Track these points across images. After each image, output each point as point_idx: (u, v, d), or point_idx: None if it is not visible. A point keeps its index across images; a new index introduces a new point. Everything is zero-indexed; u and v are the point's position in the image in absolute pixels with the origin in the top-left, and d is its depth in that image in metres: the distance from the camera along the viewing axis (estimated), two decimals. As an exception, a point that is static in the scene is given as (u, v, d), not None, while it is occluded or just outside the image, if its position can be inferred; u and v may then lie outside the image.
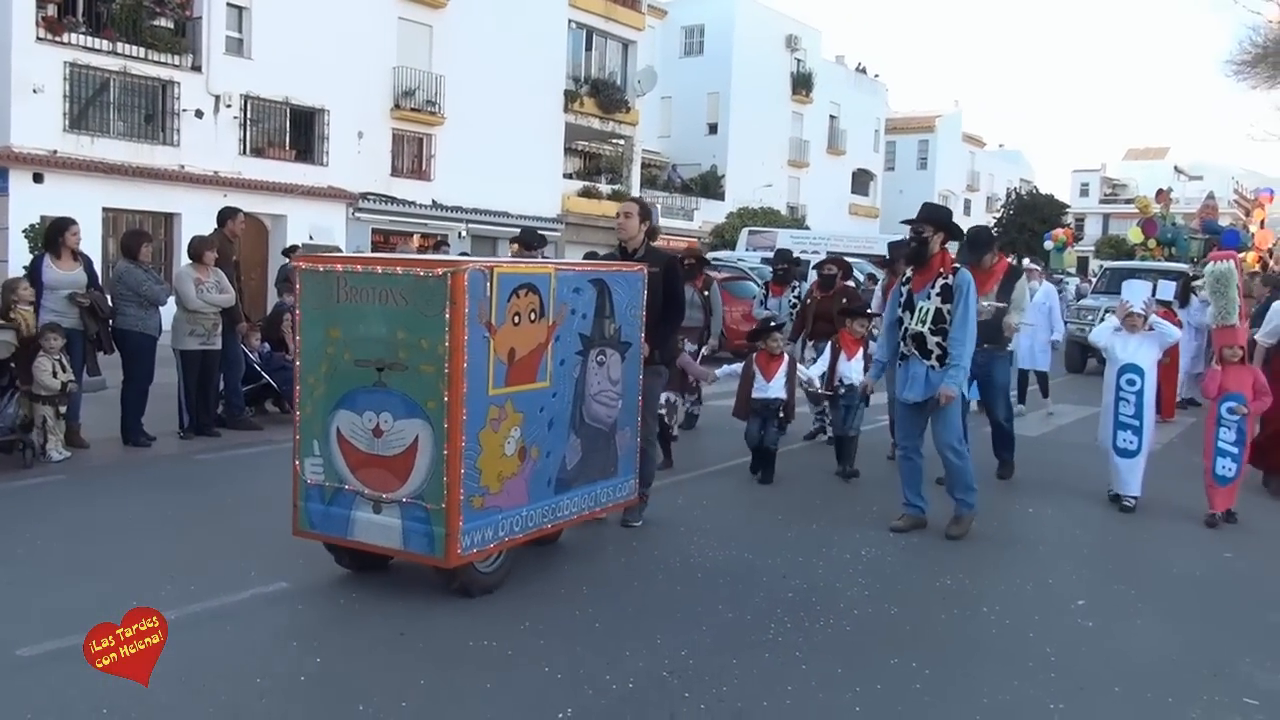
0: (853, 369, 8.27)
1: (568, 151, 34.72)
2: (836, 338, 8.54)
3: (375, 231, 26.46)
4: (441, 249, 20.55)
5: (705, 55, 43.67)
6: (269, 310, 13.28)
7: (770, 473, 8.10)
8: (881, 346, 7.06)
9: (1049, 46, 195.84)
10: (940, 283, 6.52)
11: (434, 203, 27.77)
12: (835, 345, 8.48)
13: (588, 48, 34.41)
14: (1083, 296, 21.89)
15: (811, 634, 4.90)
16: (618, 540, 6.40)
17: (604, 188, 35.19)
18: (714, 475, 8.16)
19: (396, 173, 27.65)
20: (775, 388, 8.07)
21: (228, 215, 10.09)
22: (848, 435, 8.33)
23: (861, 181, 53.93)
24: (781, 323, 9.26)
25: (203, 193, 21.58)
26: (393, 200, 26.83)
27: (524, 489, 5.25)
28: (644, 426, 6.40)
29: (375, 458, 4.98)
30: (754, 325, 9.87)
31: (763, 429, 8.05)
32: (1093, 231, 68.36)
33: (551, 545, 6.04)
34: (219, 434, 9.23)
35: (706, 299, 10.09)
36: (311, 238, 23.09)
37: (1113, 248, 47.24)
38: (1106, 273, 19.96)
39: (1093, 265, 41.50)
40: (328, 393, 5.10)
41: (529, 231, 11.43)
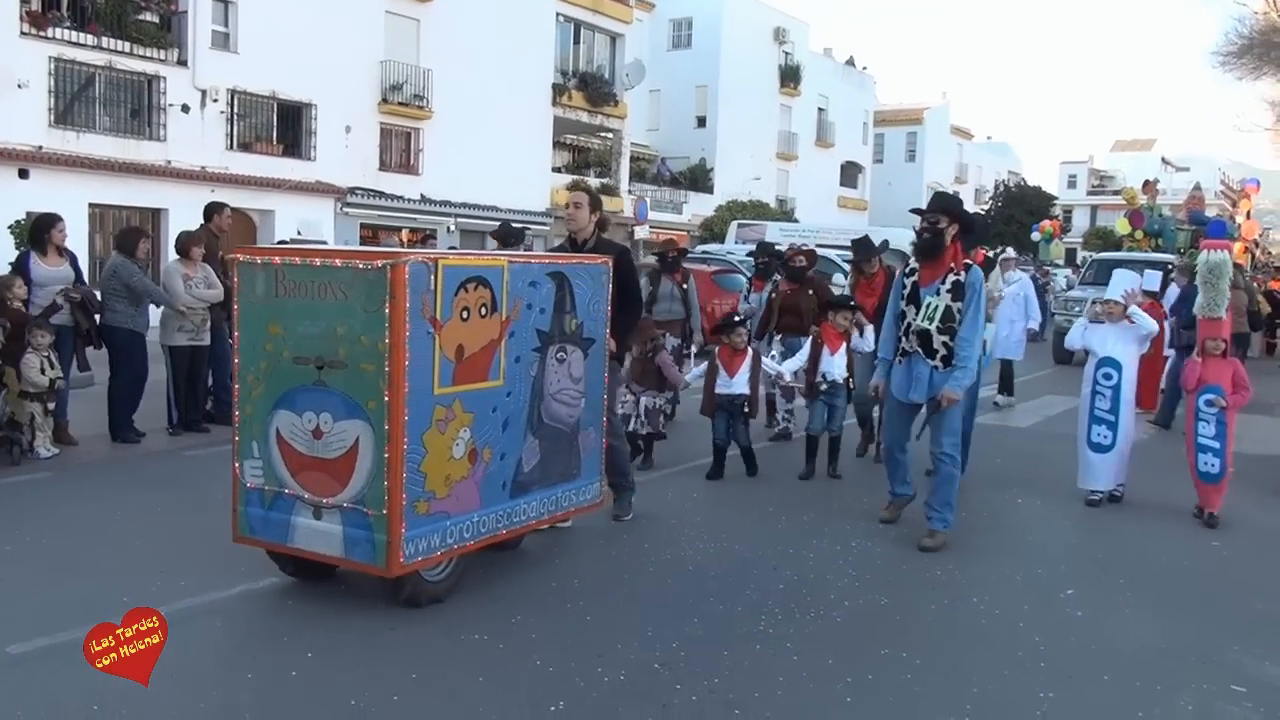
0: (836, 365, 8.04)
1: (556, 145, 34.68)
2: (818, 332, 8.24)
3: (364, 226, 26.39)
4: (429, 243, 20.50)
5: (693, 48, 43.63)
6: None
7: (753, 468, 8.01)
8: (884, 343, 6.62)
9: (1037, 39, 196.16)
10: (951, 279, 6.15)
11: (422, 197, 27.69)
12: (817, 340, 8.18)
13: (576, 41, 34.33)
14: (1071, 288, 21.97)
15: (802, 625, 4.92)
16: (607, 534, 6.40)
17: (593, 181, 35.11)
18: (703, 469, 8.16)
19: (384, 167, 27.56)
20: (739, 383, 7.89)
21: (214, 210, 10.06)
22: (831, 435, 8.11)
23: (850, 174, 53.99)
24: (745, 318, 8.95)
25: (190, 188, 21.45)
26: (381, 195, 26.75)
27: (475, 493, 4.99)
28: (607, 424, 6.15)
29: (315, 460, 4.73)
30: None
31: (730, 426, 7.93)
32: (1080, 223, 68.60)
33: (525, 548, 6.04)
34: (208, 430, 9.20)
35: (685, 292, 9.85)
36: (300, 233, 23.01)
37: (1100, 239, 47.45)
38: (1093, 264, 20.03)
39: (1081, 256, 41.63)
40: (267, 392, 4.86)
41: (505, 226, 11.21)
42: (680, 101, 43.42)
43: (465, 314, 4.78)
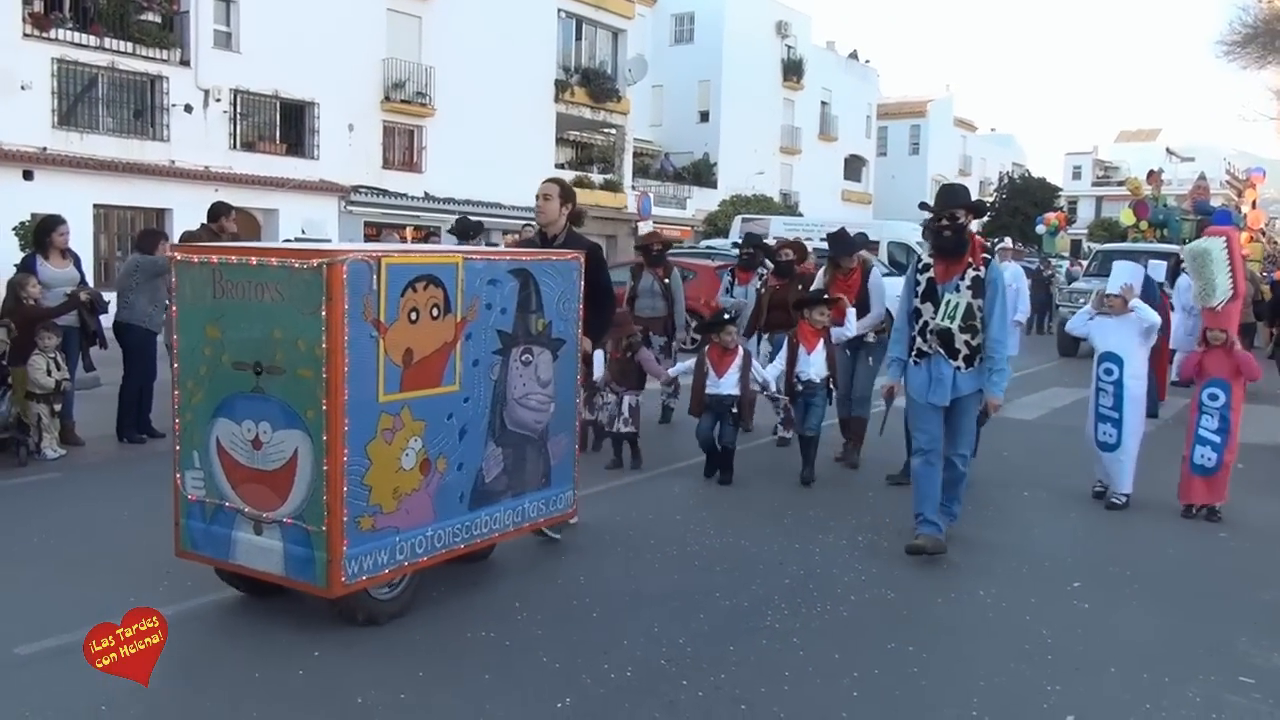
0: (813, 363, 7.67)
1: (559, 142, 34.66)
2: (794, 331, 7.85)
3: (368, 224, 26.40)
4: (431, 240, 20.49)
5: (695, 43, 43.60)
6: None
7: (729, 473, 7.66)
8: (896, 342, 6.18)
9: (1040, 29, 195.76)
10: (971, 274, 5.81)
11: (426, 195, 27.70)
12: (793, 340, 7.78)
13: (578, 37, 34.29)
14: (1074, 280, 21.92)
15: (809, 620, 4.92)
16: (613, 530, 6.40)
17: (596, 177, 35.12)
18: (699, 468, 8.14)
19: (388, 165, 27.58)
20: (727, 384, 7.57)
21: (220, 211, 10.05)
22: (806, 435, 7.76)
23: (854, 167, 53.93)
24: (735, 314, 8.64)
25: (194, 188, 21.49)
26: (384, 193, 26.77)
27: (429, 506, 4.70)
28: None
29: (255, 472, 4.45)
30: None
31: (716, 427, 7.62)
32: (1085, 214, 68.40)
33: (529, 546, 6.03)
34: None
35: (667, 287, 9.61)
36: (304, 231, 23.03)
37: (1105, 230, 47.32)
38: (1098, 255, 19.99)
39: (1086, 248, 41.54)
40: (207, 399, 4.58)
41: (463, 220, 11.01)
42: (683, 96, 43.39)
43: (414, 315, 4.48)
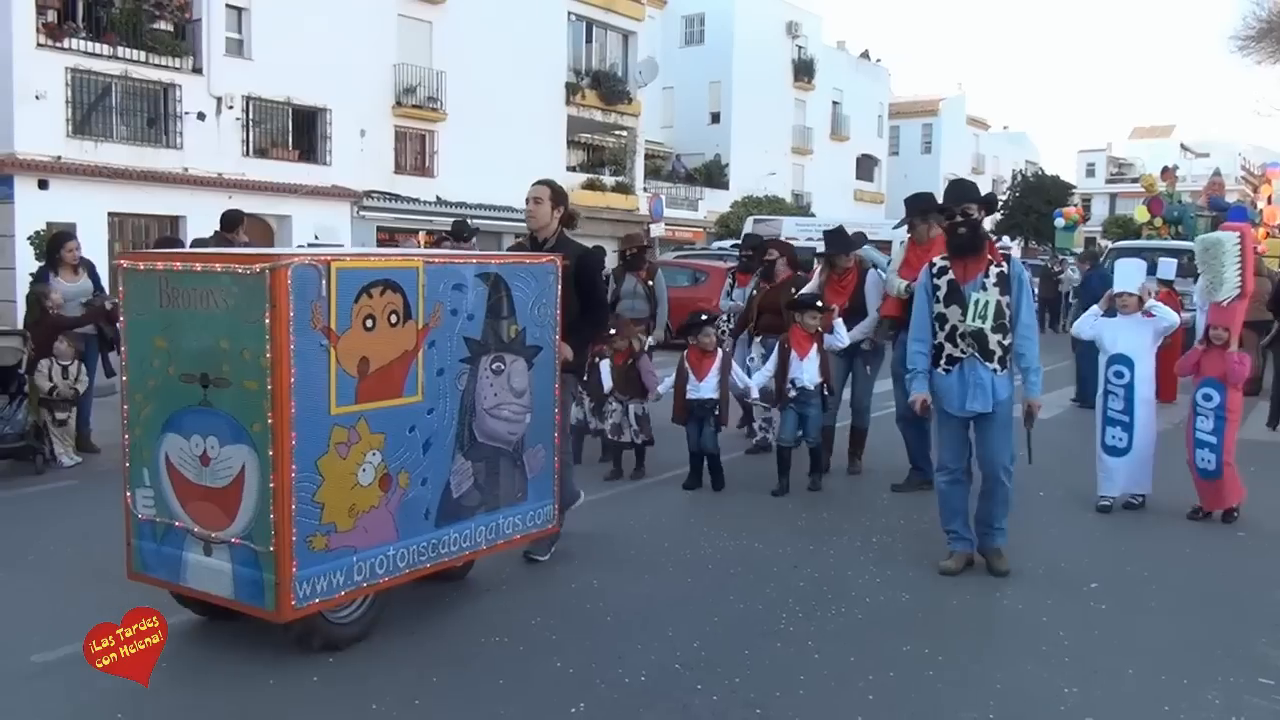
0: (806, 370, 7.38)
1: (570, 144, 34.69)
2: (786, 337, 7.56)
3: (380, 229, 26.48)
4: (443, 244, 20.45)
5: (706, 44, 43.59)
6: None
7: (719, 477, 7.52)
8: (915, 354, 5.76)
9: (1052, 27, 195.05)
10: (995, 271, 5.56)
11: (438, 199, 27.76)
12: (784, 346, 7.49)
13: (588, 39, 34.32)
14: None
15: (823, 623, 4.90)
16: (626, 534, 6.39)
17: (607, 180, 35.13)
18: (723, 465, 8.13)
19: (400, 170, 27.65)
20: (707, 387, 7.44)
21: (236, 221, 10.11)
22: (809, 445, 7.53)
23: (866, 167, 53.81)
24: (714, 316, 8.37)
25: (207, 195, 21.59)
26: (397, 198, 26.84)
27: (390, 523, 4.47)
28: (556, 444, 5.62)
29: (204, 489, 4.24)
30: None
31: (701, 432, 7.49)
32: (1099, 211, 68.10)
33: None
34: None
35: (650, 289, 9.40)
36: (317, 237, 23.12)
37: (1119, 227, 47.10)
38: (1113, 252, 19.90)
39: (1100, 245, 41.34)
40: (155, 413, 4.37)
41: (460, 223, 11.02)
42: (694, 98, 43.36)
43: (369, 323, 4.26)
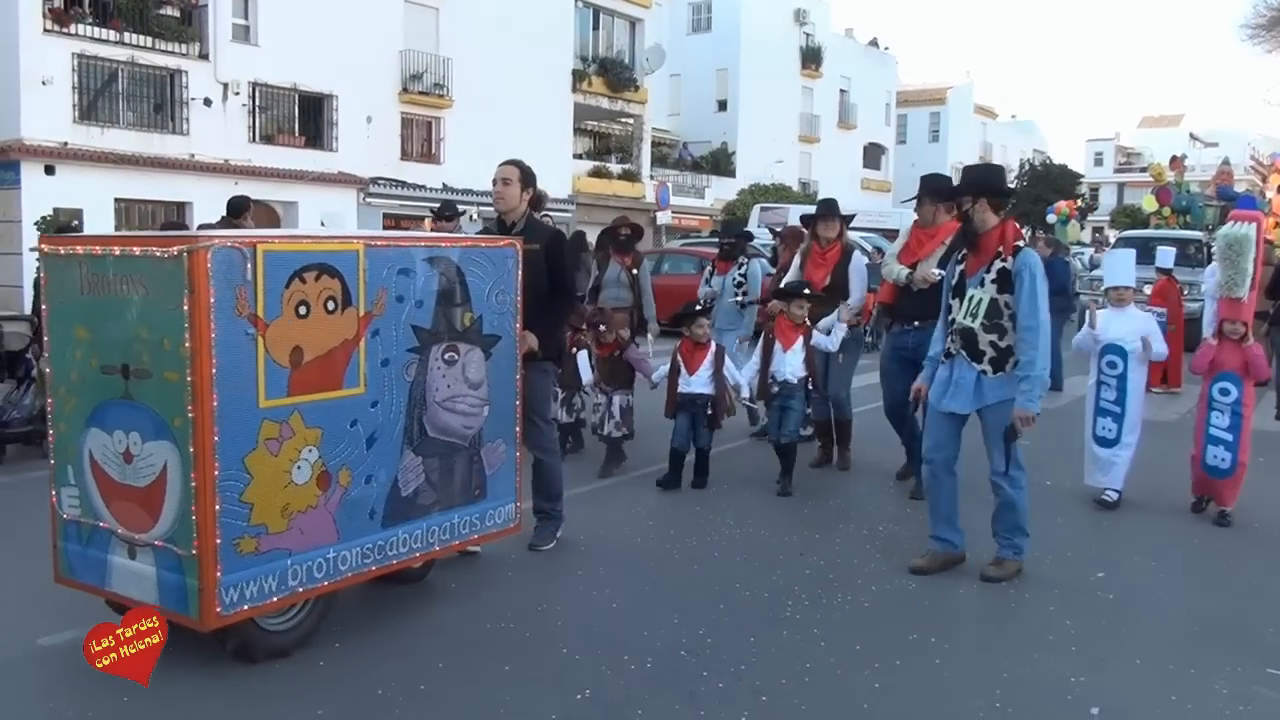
0: (789, 363, 7.04)
1: (577, 131, 34.62)
2: (770, 328, 7.30)
3: (386, 216, 26.47)
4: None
5: (713, 31, 43.46)
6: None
7: (703, 477, 7.20)
8: (935, 340, 5.61)
9: (1061, 14, 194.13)
10: (997, 266, 5.22)
11: (444, 186, 27.72)
12: (769, 337, 7.22)
13: (595, 27, 34.23)
14: (1095, 266, 21.78)
15: (829, 611, 4.89)
16: (632, 521, 6.39)
17: (614, 167, 35.09)
18: (728, 454, 8.13)
19: (406, 157, 27.63)
20: (699, 381, 7.10)
21: (242, 207, 10.09)
22: (779, 443, 7.15)
23: (873, 155, 53.66)
24: (709, 306, 8.03)
25: (214, 181, 21.58)
26: (403, 184, 26.82)
27: (330, 524, 4.19)
28: (537, 434, 5.54)
29: (127, 488, 3.97)
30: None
31: (692, 428, 7.14)
32: (1107, 201, 67.91)
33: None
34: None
35: (635, 277, 9.06)
36: (323, 224, 23.13)
37: (1128, 217, 46.96)
38: (1121, 242, 19.85)
39: (1108, 234, 41.24)
40: (79, 407, 4.09)
41: (446, 203, 10.87)
42: (701, 85, 43.26)
43: (303, 309, 3.98)
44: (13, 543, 5.81)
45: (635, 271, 9.10)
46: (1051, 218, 27.14)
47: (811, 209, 8.23)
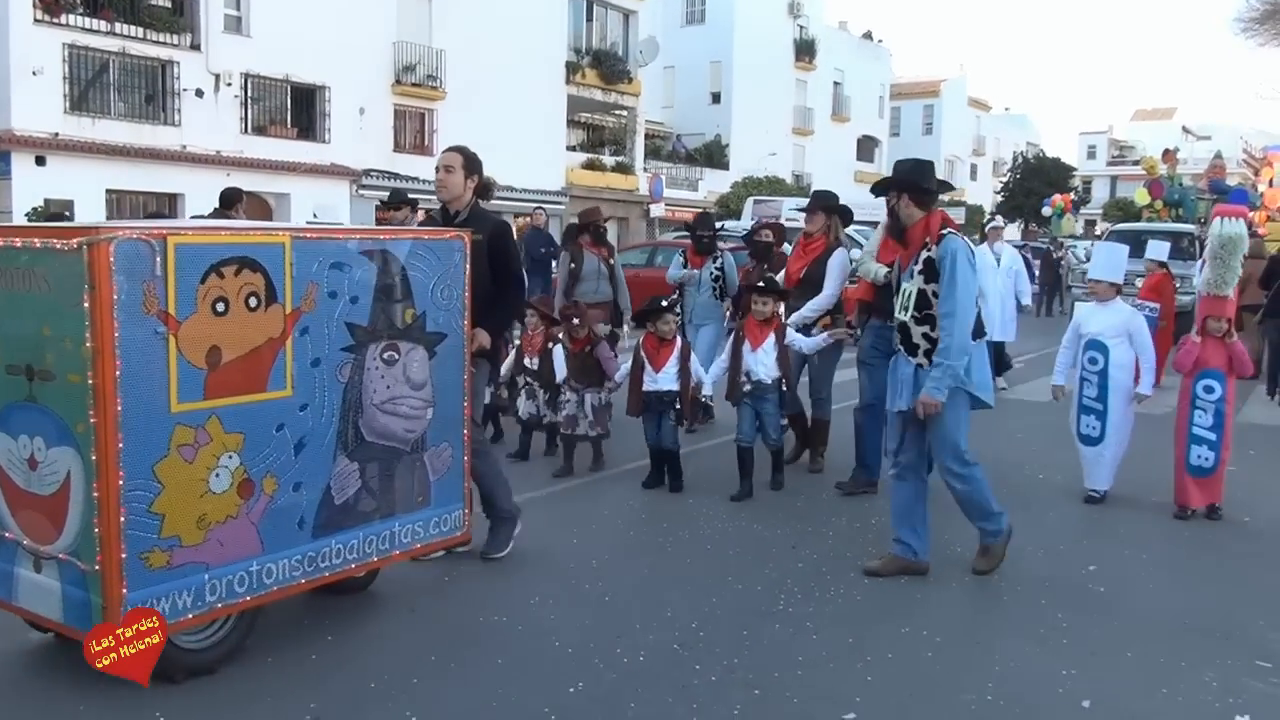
0: (761, 361, 6.72)
1: (570, 124, 34.60)
2: (740, 325, 7.04)
3: (378, 208, 26.43)
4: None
5: (707, 24, 43.41)
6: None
7: (678, 479, 6.90)
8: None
9: (1055, 8, 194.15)
10: (924, 257, 5.13)
11: (437, 178, 27.70)
12: (739, 334, 6.93)
13: (588, 18, 34.19)
14: (1089, 260, 21.82)
15: (822, 604, 4.90)
16: (626, 514, 6.39)
17: (608, 160, 35.05)
18: (718, 448, 8.13)
19: (399, 148, 27.58)
20: (665, 379, 6.80)
21: (234, 198, 10.05)
22: (771, 448, 6.91)
23: (866, 148, 53.68)
24: (675, 300, 7.74)
25: (205, 172, 21.53)
26: (396, 176, 26.72)
27: (253, 535, 3.93)
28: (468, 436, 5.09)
29: (32, 497, 3.72)
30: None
31: (659, 427, 6.88)
32: (1100, 194, 68.02)
33: (544, 531, 6.02)
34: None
35: (612, 269, 8.79)
36: (316, 215, 23.06)
37: (1120, 210, 47.07)
38: (1113, 235, 19.88)
39: (1101, 228, 41.34)
40: None
41: (395, 191, 10.72)
42: (695, 78, 43.22)
43: (221, 306, 3.72)
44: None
45: (611, 263, 8.87)
46: (1047, 210, 27.18)
47: (804, 201, 8.12)
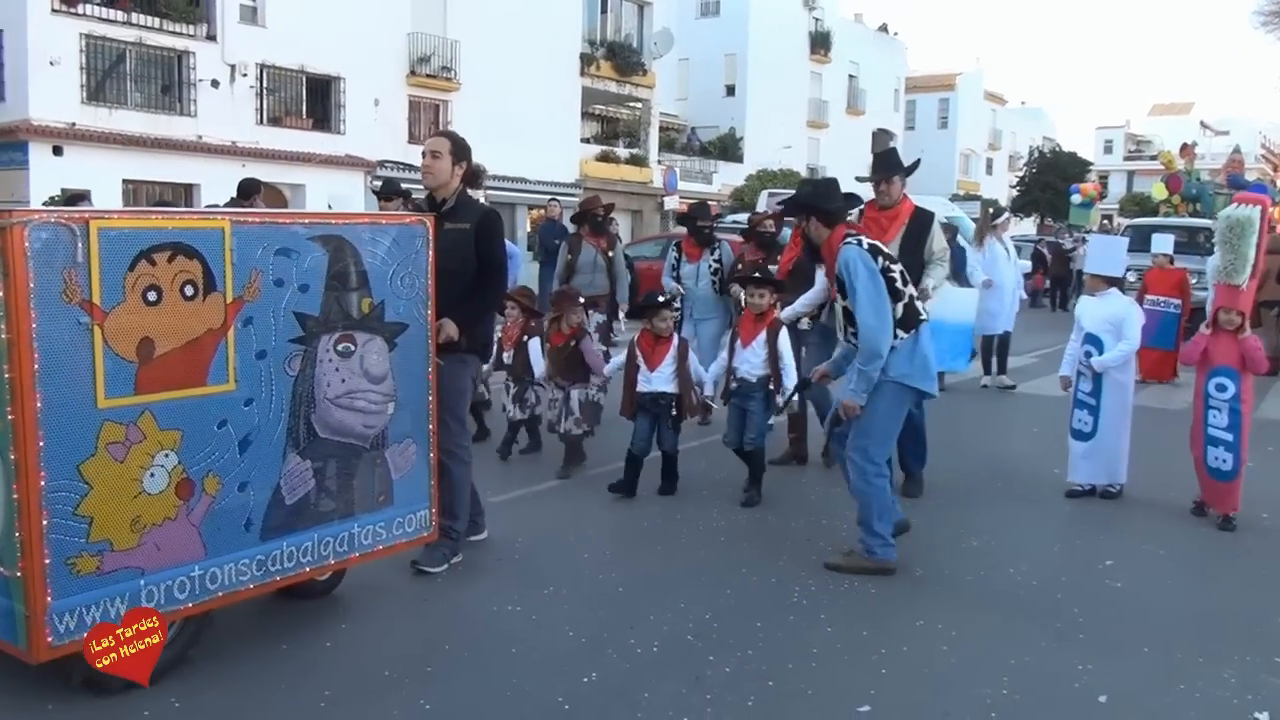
0: (748, 359, 6.44)
1: (585, 116, 34.53)
2: (737, 322, 6.82)
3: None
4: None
5: (722, 16, 43.27)
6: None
7: (672, 483, 6.62)
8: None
9: (1072, 1, 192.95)
10: (836, 274, 5.09)
11: (452, 169, 27.71)
12: (734, 330, 6.71)
13: (603, 10, 34.10)
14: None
15: (836, 596, 4.88)
16: (640, 505, 6.39)
17: (622, 152, 35.00)
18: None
19: (414, 140, 27.53)
20: (661, 379, 6.47)
21: (252, 189, 10.07)
22: (746, 448, 6.49)
23: (882, 142, 53.47)
24: (673, 297, 7.52)
25: (221, 163, 21.58)
26: (411, 168, 26.73)
27: (194, 538, 3.74)
28: (446, 435, 4.87)
29: None
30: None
31: (655, 429, 6.53)
32: (1117, 189, 67.62)
33: (556, 522, 6.01)
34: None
35: (610, 260, 8.58)
36: (330, 206, 23.10)
37: (1137, 205, 46.80)
38: (1129, 230, 19.77)
39: (1117, 223, 41.12)
40: None
41: (388, 181, 10.30)
42: (709, 70, 43.08)
43: (153, 295, 3.53)
44: None
45: (610, 254, 8.70)
46: (1077, 198, 26.83)
47: (785, 192, 7.96)
